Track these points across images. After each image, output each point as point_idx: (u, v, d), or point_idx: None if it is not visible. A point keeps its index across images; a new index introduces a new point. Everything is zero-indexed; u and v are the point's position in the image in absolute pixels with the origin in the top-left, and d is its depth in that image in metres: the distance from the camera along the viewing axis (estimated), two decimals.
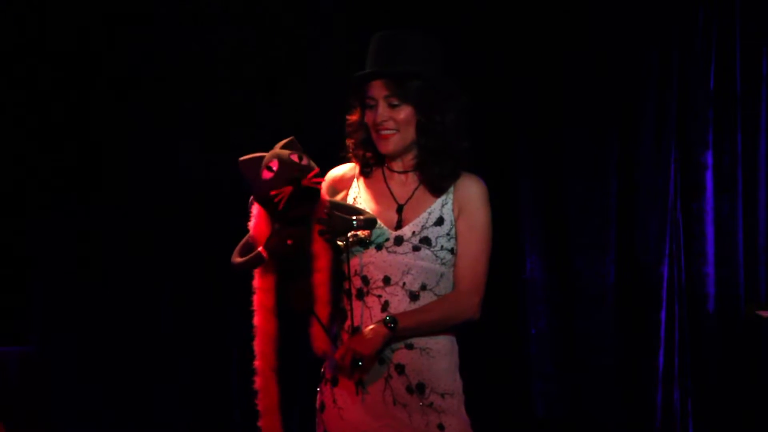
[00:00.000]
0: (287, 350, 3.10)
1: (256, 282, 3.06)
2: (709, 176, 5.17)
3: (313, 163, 3.00)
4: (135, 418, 5.29)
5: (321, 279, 3.04)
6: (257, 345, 3.05)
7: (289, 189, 2.92)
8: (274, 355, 3.05)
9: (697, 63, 5.18)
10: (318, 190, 2.99)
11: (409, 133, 3.17)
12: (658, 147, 5.23)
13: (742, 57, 5.14)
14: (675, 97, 5.20)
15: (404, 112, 3.15)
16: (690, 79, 5.19)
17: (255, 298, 3.06)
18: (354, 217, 3.08)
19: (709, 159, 5.17)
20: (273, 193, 2.93)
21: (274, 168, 2.95)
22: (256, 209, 3.05)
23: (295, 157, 2.97)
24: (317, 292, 3.04)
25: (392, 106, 3.15)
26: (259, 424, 3.05)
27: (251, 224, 3.05)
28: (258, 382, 3.05)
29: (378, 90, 3.15)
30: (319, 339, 3.06)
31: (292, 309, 3.07)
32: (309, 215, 3.02)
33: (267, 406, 3.04)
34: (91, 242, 5.32)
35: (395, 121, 3.15)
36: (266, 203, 2.97)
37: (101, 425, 5.26)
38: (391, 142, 3.17)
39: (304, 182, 2.93)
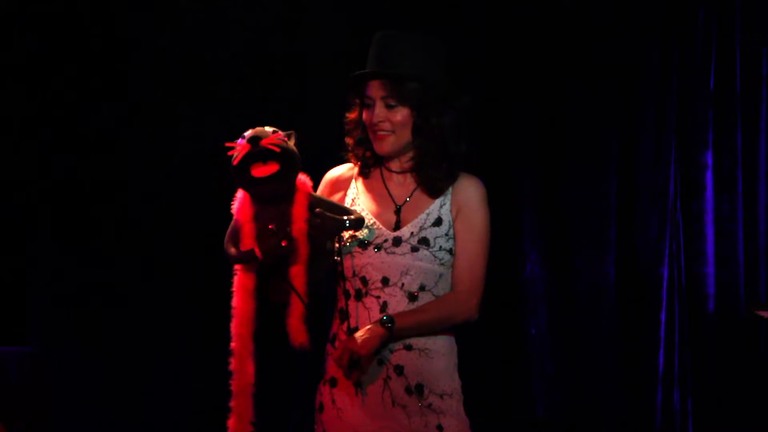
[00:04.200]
0: (285, 348, 3.10)
1: (237, 264, 3.07)
2: (709, 176, 5.17)
3: (290, 144, 3.01)
4: (135, 419, 5.29)
5: (297, 270, 3.04)
6: (234, 327, 3.05)
7: (246, 146, 2.96)
8: (251, 337, 3.04)
9: (697, 63, 5.17)
10: (275, 152, 2.97)
11: (405, 135, 3.17)
12: (658, 147, 5.23)
13: (742, 57, 5.14)
14: (675, 97, 5.20)
15: (401, 114, 3.15)
16: (690, 79, 5.19)
17: (235, 280, 3.07)
18: (345, 217, 3.09)
19: (709, 159, 5.17)
20: (231, 151, 2.96)
21: (246, 135, 3.00)
22: (240, 193, 3.07)
23: (269, 129, 3.01)
24: (294, 282, 3.03)
25: (389, 107, 3.15)
26: (231, 404, 3.05)
27: (234, 208, 3.07)
28: (233, 363, 3.04)
29: (376, 90, 3.16)
30: (296, 331, 3.06)
31: (273, 302, 3.08)
32: (286, 201, 3.03)
33: (240, 387, 3.04)
34: (91, 241, 5.31)
35: (391, 123, 3.15)
36: (237, 176, 2.99)
37: (101, 425, 5.26)
38: (387, 143, 3.17)
39: (262, 142, 2.96)
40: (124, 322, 5.31)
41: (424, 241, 3.14)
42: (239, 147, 2.97)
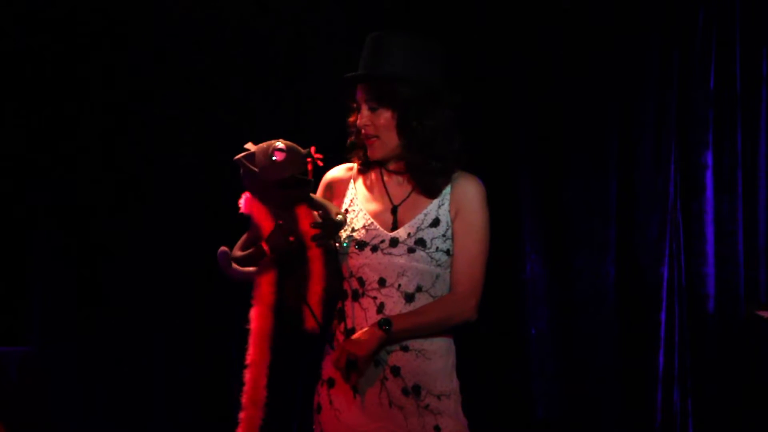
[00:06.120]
0: (284, 348, 3.11)
1: (258, 275, 3.07)
2: (709, 176, 5.17)
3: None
4: (135, 418, 5.29)
5: (315, 268, 3.05)
6: (251, 338, 3.05)
7: (310, 160, 3.00)
8: (268, 350, 3.05)
9: (697, 63, 5.18)
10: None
11: (392, 138, 3.15)
12: (658, 147, 5.23)
13: (742, 57, 5.14)
14: (675, 97, 5.20)
15: (383, 117, 3.13)
16: (690, 79, 5.19)
17: (255, 292, 3.07)
18: (340, 217, 3.11)
19: (709, 159, 5.17)
20: (282, 175, 2.96)
21: (284, 148, 3.01)
22: (245, 203, 3.07)
23: (281, 144, 3.04)
24: (311, 282, 3.04)
25: (372, 110, 3.14)
26: (240, 416, 3.04)
27: (254, 217, 3.06)
28: (247, 375, 3.04)
29: (361, 94, 3.15)
30: (309, 319, 3.07)
31: (287, 304, 3.08)
32: (296, 204, 3.05)
33: (252, 400, 3.03)
34: (91, 242, 5.32)
35: (375, 126, 3.14)
36: (282, 184, 3.00)
37: (101, 425, 5.26)
38: (376, 148, 3.16)
39: (316, 155, 3.02)
40: (125, 323, 5.31)
41: (421, 242, 3.13)
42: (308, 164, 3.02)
